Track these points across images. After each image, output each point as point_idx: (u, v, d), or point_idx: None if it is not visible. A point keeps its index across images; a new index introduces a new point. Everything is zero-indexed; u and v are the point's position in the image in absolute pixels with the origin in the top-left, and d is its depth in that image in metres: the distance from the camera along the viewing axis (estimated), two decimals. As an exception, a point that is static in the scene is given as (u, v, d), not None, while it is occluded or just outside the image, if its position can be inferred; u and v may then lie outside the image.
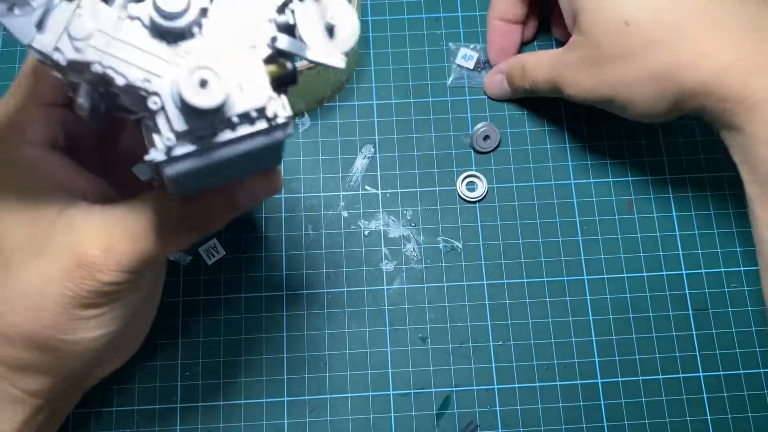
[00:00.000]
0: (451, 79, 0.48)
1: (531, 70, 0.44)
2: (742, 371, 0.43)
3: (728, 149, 0.37)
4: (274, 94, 0.27)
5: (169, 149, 0.26)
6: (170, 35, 0.26)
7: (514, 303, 0.44)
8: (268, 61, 0.27)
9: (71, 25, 0.25)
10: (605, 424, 0.42)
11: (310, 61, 0.28)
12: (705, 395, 0.43)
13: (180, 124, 0.25)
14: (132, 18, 0.26)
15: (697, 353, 0.43)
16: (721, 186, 0.46)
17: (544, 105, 0.47)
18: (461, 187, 0.46)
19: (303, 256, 0.45)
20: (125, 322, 0.36)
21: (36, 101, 0.33)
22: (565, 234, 0.45)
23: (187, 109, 0.25)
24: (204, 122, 0.26)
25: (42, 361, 0.33)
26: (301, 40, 0.28)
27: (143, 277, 0.35)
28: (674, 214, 0.46)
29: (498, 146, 0.47)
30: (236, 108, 0.26)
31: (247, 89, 0.26)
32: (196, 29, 0.26)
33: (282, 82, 0.28)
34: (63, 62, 0.25)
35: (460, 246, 0.45)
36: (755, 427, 0.42)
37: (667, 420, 0.42)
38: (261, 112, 0.26)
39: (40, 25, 0.25)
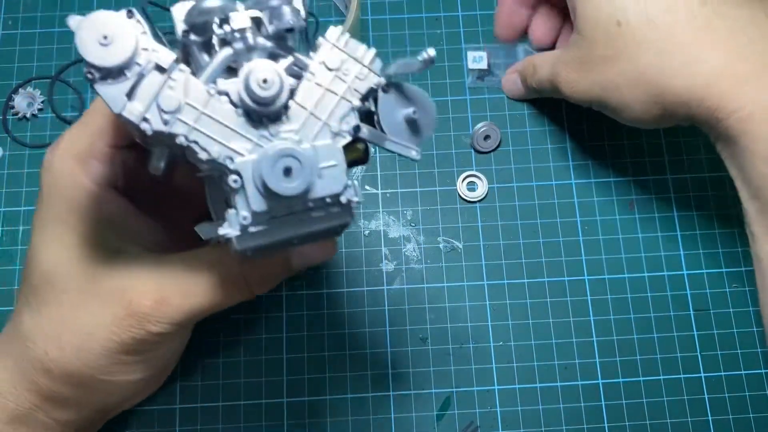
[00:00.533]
0: (469, 80, 0.48)
1: (538, 68, 0.43)
2: (743, 372, 0.43)
3: (723, 161, 0.36)
4: (350, 182, 0.27)
5: (244, 227, 0.26)
6: (257, 115, 0.26)
7: (515, 303, 0.44)
8: (346, 146, 0.27)
9: (161, 97, 0.25)
10: (606, 425, 0.42)
11: (387, 150, 0.29)
12: (706, 396, 0.42)
13: (258, 206, 0.26)
14: (220, 93, 0.26)
15: (698, 354, 0.43)
16: (723, 186, 0.46)
17: (546, 105, 0.47)
18: (461, 187, 0.46)
19: (303, 257, 0.44)
20: (163, 366, 0.37)
21: (105, 142, 0.33)
22: (566, 234, 0.45)
23: (268, 194, 0.25)
24: (281, 205, 0.26)
25: (78, 397, 0.34)
26: (381, 128, 0.28)
27: (188, 328, 0.36)
28: (675, 214, 0.46)
29: (498, 146, 0.47)
30: (314, 194, 0.26)
31: (326, 176, 0.26)
32: (282, 111, 0.27)
33: (354, 164, 0.29)
34: (149, 132, 0.25)
35: (461, 246, 0.45)
36: (756, 427, 0.42)
37: (668, 421, 0.42)
38: (335, 197, 0.27)
39: (130, 94, 0.25)
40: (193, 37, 0.27)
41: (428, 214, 0.46)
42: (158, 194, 0.38)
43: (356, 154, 0.29)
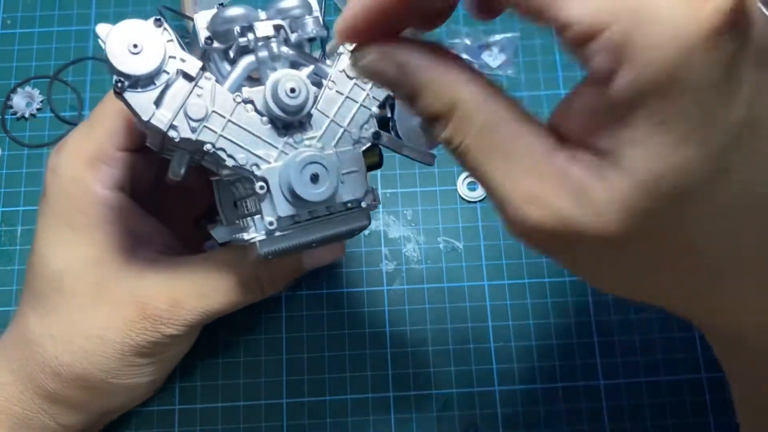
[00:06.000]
0: None
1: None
2: (745, 372, 0.43)
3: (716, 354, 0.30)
4: (370, 187, 0.28)
5: (270, 232, 0.27)
6: (281, 122, 0.27)
7: (515, 304, 0.44)
8: (364, 152, 0.29)
9: (189, 105, 0.26)
10: (607, 426, 0.42)
11: (404, 156, 0.29)
12: (707, 397, 0.42)
13: (284, 211, 0.27)
14: (246, 101, 0.27)
15: (699, 354, 0.43)
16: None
17: (547, 102, 0.47)
18: (462, 187, 0.46)
19: (302, 257, 0.44)
20: (172, 367, 0.37)
21: (114, 146, 0.33)
22: (567, 234, 0.45)
23: (294, 199, 0.26)
24: (305, 210, 0.27)
25: (86, 400, 0.34)
26: (396, 134, 0.29)
27: (198, 329, 0.36)
28: (677, 214, 0.45)
29: (499, 146, 0.46)
30: (338, 199, 0.27)
31: (348, 181, 0.27)
32: (306, 119, 0.28)
33: (370, 169, 0.30)
34: (177, 139, 0.26)
35: (461, 246, 0.45)
36: (758, 428, 0.42)
37: (669, 422, 0.42)
38: (357, 202, 0.28)
39: (157, 101, 0.25)
40: (215, 44, 0.28)
41: (428, 214, 0.45)
42: (157, 197, 0.38)
43: (373, 159, 0.29)
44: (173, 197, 0.38)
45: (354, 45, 0.23)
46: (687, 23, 0.17)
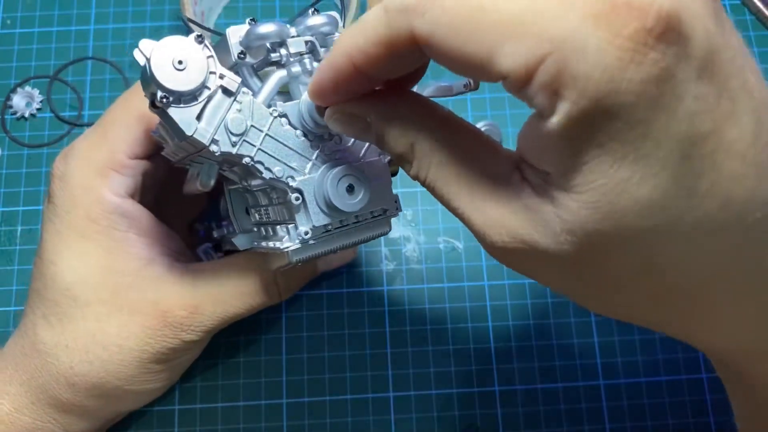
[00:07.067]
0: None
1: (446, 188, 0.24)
2: (745, 372, 0.43)
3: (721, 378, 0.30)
4: (395, 195, 0.30)
5: (305, 241, 0.28)
6: (313, 135, 0.28)
7: (516, 304, 0.44)
8: (388, 162, 0.30)
9: (230, 120, 0.26)
10: (607, 426, 0.42)
11: None
12: (707, 396, 0.42)
13: (319, 221, 0.28)
14: (281, 115, 0.28)
15: (700, 354, 0.43)
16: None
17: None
18: (462, 187, 0.46)
19: (302, 257, 0.44)
20: (184, 370, 0.37)
21: (126, 154, 0.33)
22: (567, 234, 0.45)
23: (329, 210, 0.28)
24: (337, 220, 0.28)
25: (98, 407, 0.34)
26: None
27: (214, 333, 0.36)
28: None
29: (499, 146, 0.47)
30: (368, 208, 0.29)
31: (376, 191, 0.29)
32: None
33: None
34: (217, 153, 0.26)
35: (461, 246, 0.45)
36: (758, 429, 0.42)
37: (670, 422, 0.42)
38: (383, 210, 0.30)
39: (198, 116, 0.26)
40: (248, 59, 0.29)
41: (428, 214, 0.45)
42: (158, 203, 0.38)
43: (394, 169, 0.30)
44: (170, 203, 0.38)
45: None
46: (608, 47, 0.17)
